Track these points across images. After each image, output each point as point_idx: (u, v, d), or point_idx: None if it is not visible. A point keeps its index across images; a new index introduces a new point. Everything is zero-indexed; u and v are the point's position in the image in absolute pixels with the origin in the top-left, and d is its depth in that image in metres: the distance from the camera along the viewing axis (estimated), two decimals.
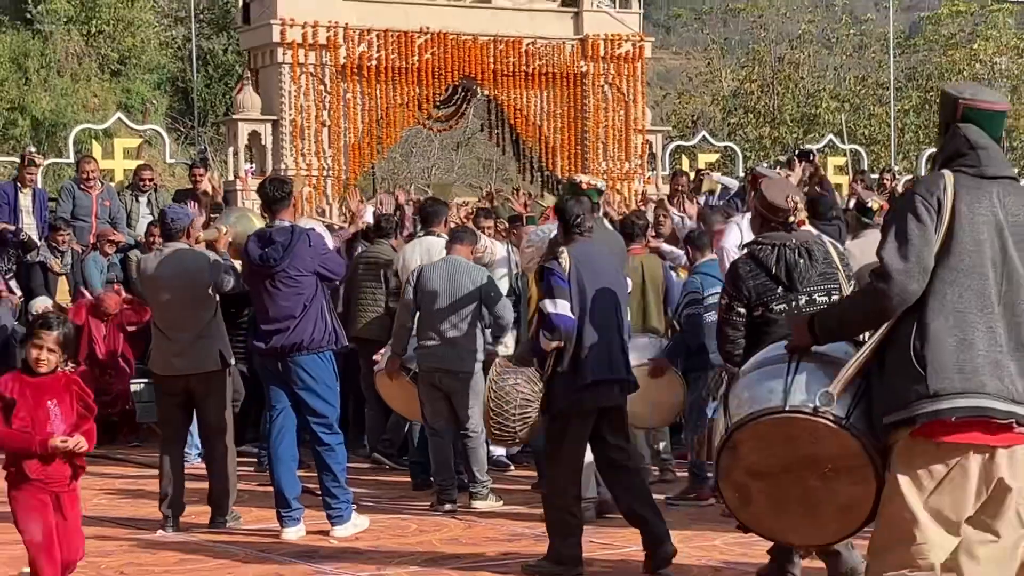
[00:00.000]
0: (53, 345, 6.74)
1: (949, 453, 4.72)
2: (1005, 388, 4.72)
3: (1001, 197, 4.87)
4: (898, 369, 4.75)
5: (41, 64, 30.60)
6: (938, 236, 4.79)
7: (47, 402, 6.71)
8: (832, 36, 36.59)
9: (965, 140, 4.94)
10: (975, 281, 4.78)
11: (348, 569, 8.43)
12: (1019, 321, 4.82)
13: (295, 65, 18.85)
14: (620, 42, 20.58)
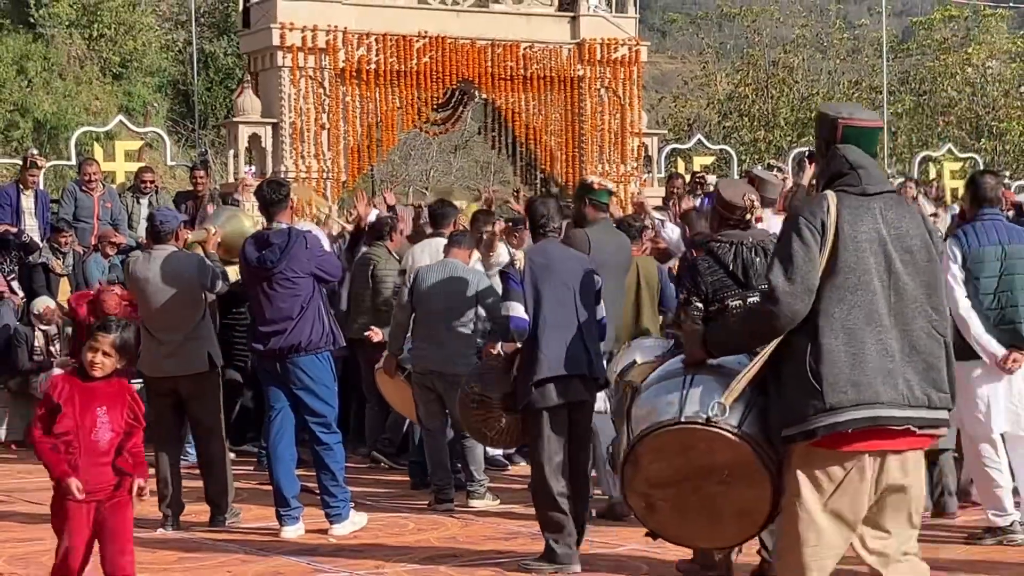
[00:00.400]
0: (109, 348, 6.41)
1: (847, 458, 4.91)
2: (900, 395, 4.92)
3: (883, 212, 5.03)
4: (795, 384, 4.89)
5: (43, 67, 30.60)
6: (823, 257, 4.94)
7: (96, 408, 6.40)
8: (826, 41, 36.63)
9: (845, 160, 5.10)
10: (862, 297, 4.94)
11: (346, 567, 8.43)
12: (911, 330, 4.99)
13: (295, 68, 18.86)
14: (616, 46, 20.59)
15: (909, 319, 5.01)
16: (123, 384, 6.55)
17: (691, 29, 41.15)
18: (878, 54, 32.65)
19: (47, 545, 9.05)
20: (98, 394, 6.41)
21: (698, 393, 5.18)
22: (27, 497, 11.29)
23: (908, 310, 5.01)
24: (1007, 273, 8.74)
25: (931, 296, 5.07)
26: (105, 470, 6.39)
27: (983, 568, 8.17)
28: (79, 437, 6.34)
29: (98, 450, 6.39)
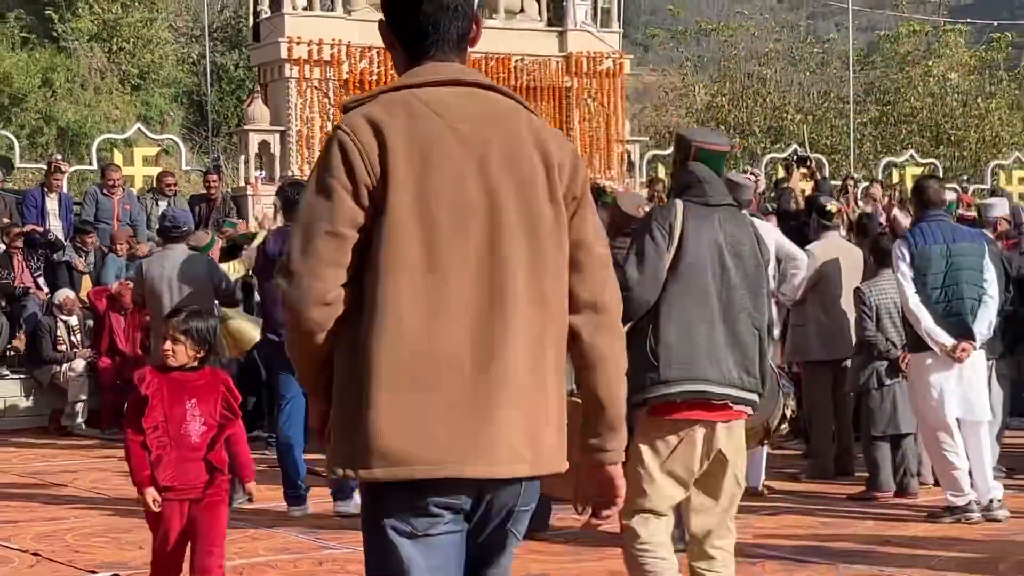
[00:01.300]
0: (178, 334, 5.78)
1: (679, 427, 5.34)
2: (723, 375, 5.33)
3: (722, 222, 5.47)
4: (638, 361, 5.20)
5: (67, 78, 30.57)
6: (670, 254, 5.37)
7: (186, 400, 5.78)
8: (797, 54, 36.66)
9: (694, 175, 5.53)
10: (698, 290, 5.37)
11: (351, 543, 8.44)
12: (734, 323, 5.40)
13: (301, 80, 18.86)
14: (601, 59, 20.61)
15: (734, 314, 5.42)
16: (216, 375, 5.93)
17: (671, 43, 41.13)
18: (845, 66, 32.67)
19: (70, 524, 9.09)
20: (188, 386, 5.81)
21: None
22: (52, 479, 11.30)
23: (734, 306, 5.42)
24: (952, 269, 8.82)
25: (754, 297, 5.49)
26: (196, 466, 5.81)
27: (942, 544, 8.20)
28: (168, 430, 5.76)
29: (189, 444, 5.80)
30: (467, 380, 3.22)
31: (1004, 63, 35.63)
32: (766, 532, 8.70)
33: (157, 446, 5.74)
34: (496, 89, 3.41)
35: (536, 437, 3.37)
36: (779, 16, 43.86)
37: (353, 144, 3.22)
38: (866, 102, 34.11)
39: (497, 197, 3.27)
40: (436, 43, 3.36)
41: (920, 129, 32.95)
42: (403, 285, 3.19)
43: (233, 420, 5.89)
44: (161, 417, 5.75)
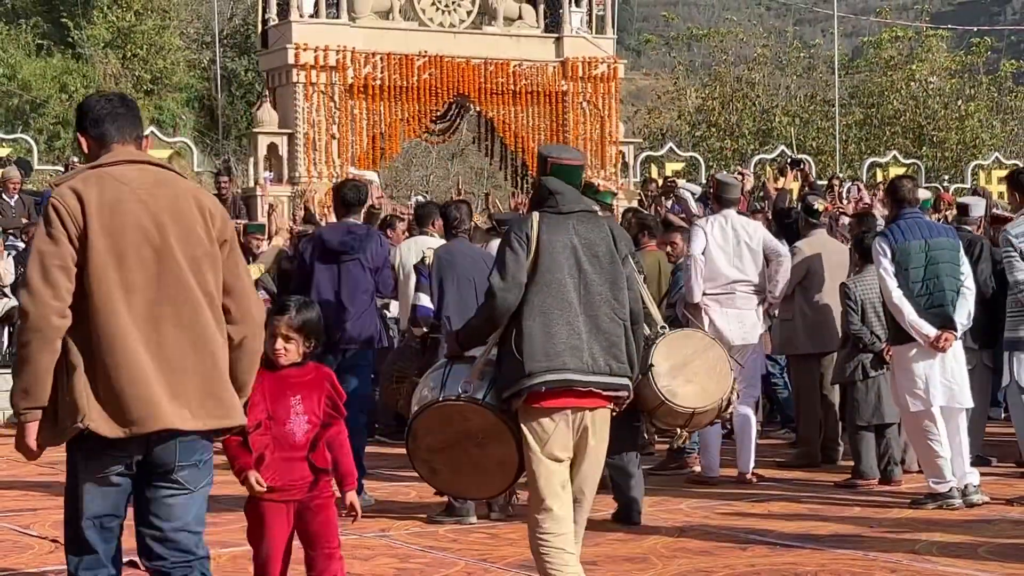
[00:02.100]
0: (289, 331, 5.35)
1: (551, 412, 5.70)
2: (586, 365, 5.70)
3: (575, 227, 5.86)
4: (508, 358, 5.73)
5: (82, 84, 30.57)
6: (529, 260, 5.76)
7: (290, 397, 5.35)
8: (784, 59, 36.64)
9: (547, 188, 5.93)
10: (556, 290, 5.75)
11: (355, 530, 8.43)
12: (596, 315, 5.78)
13: (308, 85, 18.86)
14: (596, 64, 20.62)
15: (595, 307, 5.80)
16: (320, 371, 5.50)
17: (664, 48, 41.14)
18: (831, 71, 32.66)
19: None
20: (291, 382, 5.38)
21: (456, 377, 5.90)
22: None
23: (595, 301, 5.80)
24: (931, 263, 8.86)
25: (614, 290, 5.87)
26: (300, 465, 5.39)
27: (924, 528, 8.20)
28: (271, 429, 5.32)
29: (293, 443, 5.36)
30: (147, 367, 4.51)
31: (983, 67, 35.63)
32: (755, 518, 8.70)
33: (259, 445, 5.27)
34: (161, 165, 4.72)
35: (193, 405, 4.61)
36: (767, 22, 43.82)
37: (63, 207, 4.45)
38: (851, 105, 34.11)
39: (167, 237, 4.53)
40: (118, 136, 4.68)
41: (903, 131, 32.95)
42: (105, 299, 4.45)
43: (337, 419, 5.45)
44: (264, 415, 5.32)
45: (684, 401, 8.52)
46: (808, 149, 30.76)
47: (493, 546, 7.87)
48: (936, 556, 7.40)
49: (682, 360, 8.43)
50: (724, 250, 10.03)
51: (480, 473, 5.95)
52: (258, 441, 5.27)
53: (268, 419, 5.31)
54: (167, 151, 22.39)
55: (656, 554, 7.52)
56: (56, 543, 8.05)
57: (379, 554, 7.74)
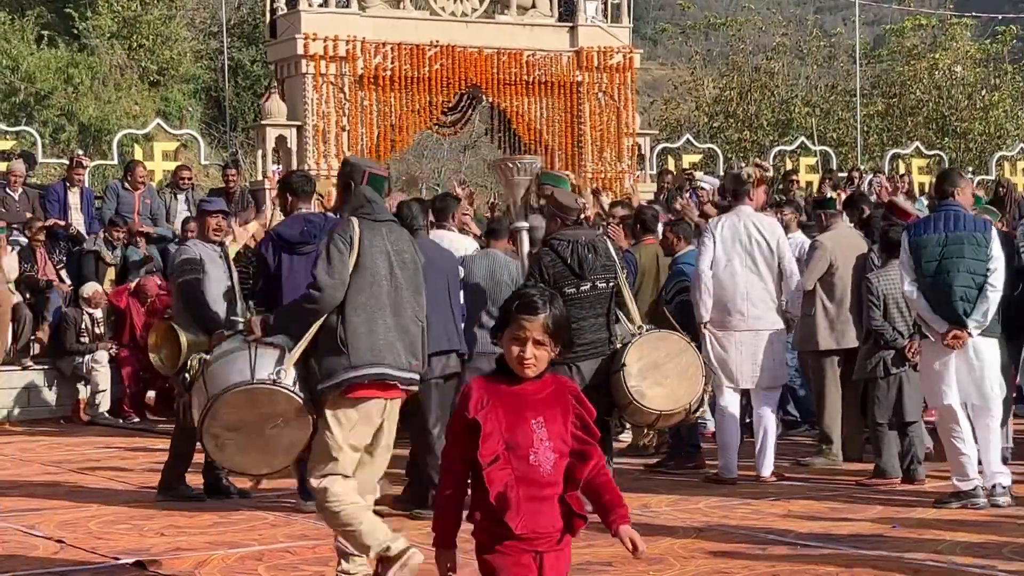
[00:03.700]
0: (541, 334, 4.23)
1: (360, 402, 6.39)
2: (397, 361, 6.44)
3: (388, 234, 6.59)
4: (329, 350, 6.34)
5: (88, 75, 30.59)
6: (352, 261, 6.39)
7: (531, 420, 4.24)
8: (804, 48, 36.55)
9: (365, 197, 6.65)
10: (375, 290, 6.42)
11: None
12: (403, 316, 6.50)
13: (317, 75, 18.87)
14: (612, 54, 20.59)
15: (403, 308, 6.53)
16: (561, 383, 4.37)
17: (680, 38, 41.03)
18: (852, 60, 32.59)
19: (93, 512, 9.12)
20: (530, 400, 4.27)
21: (263, 362, 6.41)
22: (73, 467, 11.33)
23: (403, 302, 6.53)
24: (946, 257, 8.82)
25: (415, 296, 6.62)
26: (550, 508, 4.27)
27: (948, 528, 8.19)
28: (512, 462, 4.23)
29: (540, 479, 4.24)
30: None
31: (1009, 56, 35.51)
32: (774, 517, 8.70)
33: (499, 482, 4.20)
34: None
35: None
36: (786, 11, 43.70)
37: None
38: (872, 95, 34.02)
39: None
40: None
41: (925, 121, 32.86)
42: None
43: (591, 446, 4.33)
44: (501, 444, 4.22)
45: (651, 403, 8.80)
46: (828, 140, 30.70)
47: None
48: (959, 556, 7.39)
49: (654, 362, 8.76)
50: (735, 251, 10.02)
51: (266, 453, 6.53)
52: (498, 478, 4.21)
53: (506, 449, 4.23)
54: (174, 143, 22.43)
55: (673, 554, 7.52)
56: (61, 543, 8.08)
57: None
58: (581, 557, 7.52)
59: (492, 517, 4.22)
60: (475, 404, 4.23)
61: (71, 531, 8.44)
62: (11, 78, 29.81)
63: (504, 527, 4.20)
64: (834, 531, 8.16)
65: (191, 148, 24.55)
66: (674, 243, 11.13)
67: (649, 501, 9.29)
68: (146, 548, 7.87)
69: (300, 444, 6.46)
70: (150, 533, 8.38)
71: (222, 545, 7.93)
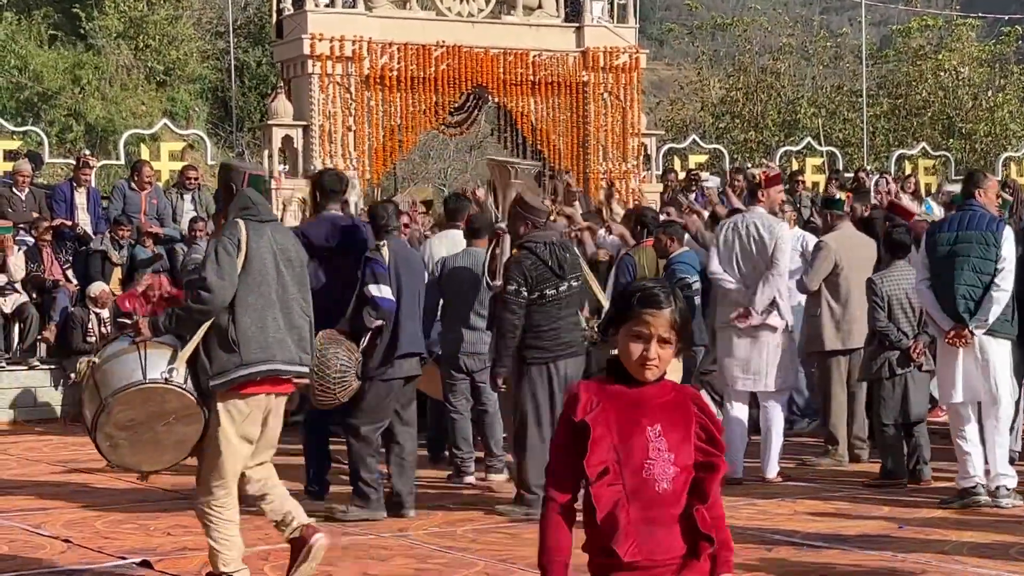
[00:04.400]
0: (668, 332, 3.68)
1: (250, 398, 6.63)
2: (288, 356, 6.68)
3: (272, 234, 6.81)
4: (221, 348, 6.56)
5: (94, 75, 30.63)
6: (240, 262, 6.60)
7: (647, 429, 3.66)
8: (810, 48, 36.53)
9: (249, 199, 6.83)
10: (263, 289, 6.67)
11: (372, 529, 8.47)
12: (291, 313, 6.75)
13: (323, 76, 18.87)
14: (618, 54, 20.58)
15: (290, 305, 6.77)
16: (683, 389, 3.83)
17: (687, 38, 41.03)
18: (858, 60, 32.56)
19: (100, 511, 9.12)
20: (648, 406, 3.70)
21: (155, 362, 6.61)
22: (80, 467, 11.34)
23: (290, 300, 6.77)
24: (952, 256, 8.84)
25: (302, 291, 6.88)
26: (669, 532, 3.66)
27: (955, 528, 8.19)
28: (623, 476, 3.64)
29: (656, 497, 3.65)
30: None
31: (1014, 56, 35.48)
32: (780, 518, 8.69)
33: (607, 500, 3.63)
34: None
35: None
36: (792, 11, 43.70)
37: None
38: (879, 95, 33.98)
39: None
40: None
41: (932, 122, 32.83)
42: None
43: (718, 457, 3.74)
44: (612, 455, 3.65)
45: None
46: (835, 141, 30.67)
47: (512, 546, 7.88)
48: (966, 556, 7.38)
49: None
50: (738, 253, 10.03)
51: (157, 450, 6.73)
52: (605, 495, 3.63)
53: (617, 462, 3.64)
54: (180, 144, 22.45)
55: None
56: (68, 543, 8.09)
57: (397, 554, 7.76)
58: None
59: (600, 543, 3.63)
60: (584, 406, 3.66)
61: (78, 530, 8.44)
62: (18, 78, 29.85)
63: (614, 555, 3.60)
64: (841, 532, 8.16)
65: (197, 148, 24.57)
66: (667, 244, 11.14)
67: None
68: (152, 547, 7.88)
69: (191, 441, 6.69)
70: (156, 532, 8.39)
71: None
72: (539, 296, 8.72)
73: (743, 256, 10.04)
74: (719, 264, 10.07)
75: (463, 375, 10.29)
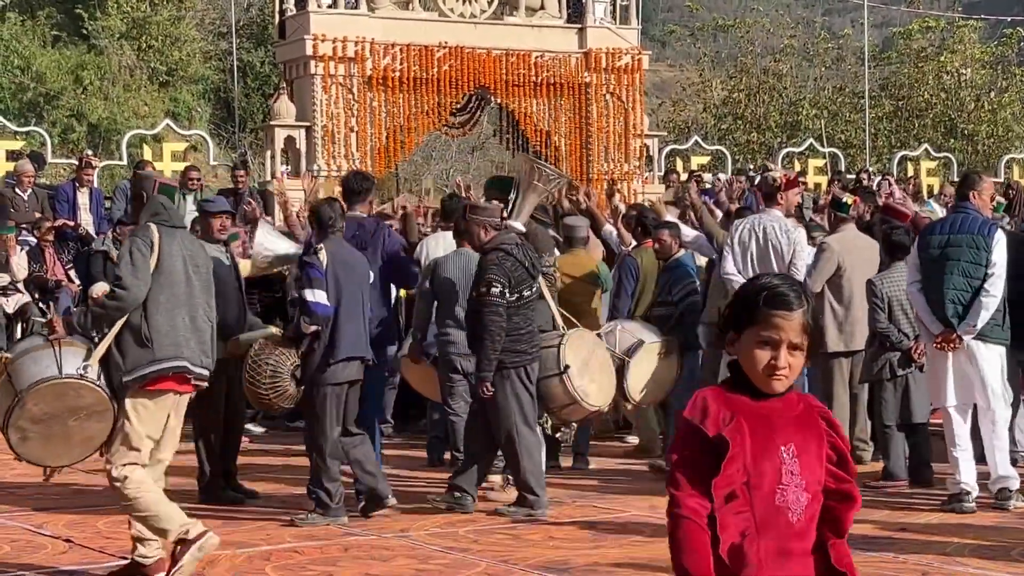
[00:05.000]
0: (800, 337, 3.27)
1: (157, 395, 6.96)
2: (194, 355, 7.04)
3: (183, 239, 7.24)
4: (134, 345, 6.90)
5: (97, 76, 30.63)
6: (153, 264, 6.97)
7: (779, 448, 3.27)
8: (812, 50, 36.53)
9: (160, 204, 7.24)
10: (174, 289, 7.04)
11: (375, 530, 8.46)
12: (196, 316, 7.11)
13: (326, 76, 18.87)
14: (620, 55, 20.57)
15: (196, 309, 7.14)
16: (810, 402, 3.40)
17: (689, 40, 41.02)
18: (860, 62, 32.56)
19: (100, 511, 9.11)
20: (779, 422, 3.29)
21: (69, 358, 6.90)
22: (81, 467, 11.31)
23: (196, 304, 7.14)
24: (943, 259, 8.80)
25: (207, 297, 7.26)
26: (801, 565, 3.30)
27: (956, 531, 8.18)
28: (752, 500, 3.25)
29: (790, 528, 3.27)
30: None
31: (1017, 58, 35.47)
32: None
33: (735, 529, 3.26)
34: None
35: None
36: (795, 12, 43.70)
37: None
38: (881, 97, 33.99)
39: None
40: None
41: (934, 124, 32.83)
42: None
43: (850, 483, 3.38)
44: (742, 477, 3.24)
45: (595, 401, 9.05)
46: (837, 142, 30.67)
47: (514, 547, 7.88)
48: (967, 558, 7.38)
49: (584, 360, 8.98)
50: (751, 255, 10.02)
51: (66, 445, 6.99)
52: (732, 523, 3.25)
53: (747, 485, 3.24)
54: (183, 144, 22.44)
55: None
56: (69, 543, 8.09)
57: (399, 555, 7.75)
58: (588, 558, 7.52)
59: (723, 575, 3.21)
60: (716, 419, 3.24)
61: (79, 530, 8.44)
62: (21, 78, 29.86)
63: None
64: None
65: (200, 149, 24.56)
66: (671, 245, 11.06)
67: (657, 503, 9.28)
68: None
69: (100, 436, 6.96)
70: None
71: (230, 545, 7.93)
72: (518, 297, 8.80)
73: (759, 258, 10.03)
74: (733, 265, 10.05)
75: (460, 376, 10.25)
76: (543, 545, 7.96)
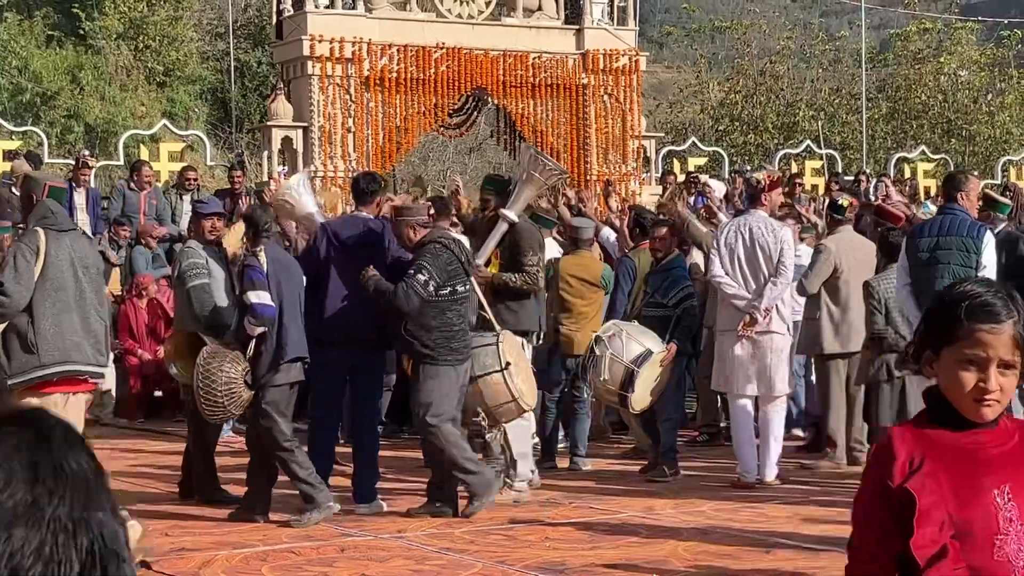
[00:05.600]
0: (1012, 354, 2.73)
1: (46, 398, 7.02)
2: (85, 357, 7.24)
3: (71, 243, 7.36)
4: (20, 351, 7.07)
5: (94, 76, 30.62)
6: (39, 268, 7.12)
7: (992, 491, 2.69)
8: (809, 51, 36.57)
9: (48, 208, 7.37)
10: (61, 295, 7.20)
11: (371, 530, 8.46)
12: (88, 318, 7.33)
13: (323, 77, 18.87)
14: (617, 57, 20.58)
15: (87, 310, 7.34)
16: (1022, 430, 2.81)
17: (686, 41, 41.05)
18: (857, 64, 32.56)
19: None
20: (989, 458, 2.74)
21: None
22: None
23: (87, 305, 7.33)
24: (932, 262, 8.79)
25: (98, 297, 7.48)
26: None
27: None
28: (967, 559, 2.65)
29: None
30: None
31: (1014, 60, 35.49)
32: (779, 521, 8.69)
33: None
34: None
35: None
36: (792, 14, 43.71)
37: None
38: (878, 98, 34.00)
39: None
40: None
41: (931, 125, 32.84)
42: None
43: None
44: (948, 530, 2.65)
45: (529, 400, 9.13)
46: (834, 144, 30.67)
47: (511, 548, 7.88)
48: None
49: (515, 361, 9.02)
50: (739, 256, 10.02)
51: None
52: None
53: (956, 538, 2.66)
54: (180, 144, 22.43)
55: (678, 557, 7.51)
56: None
57: (395, 556, 7.76)
58: (585, 559, 7.52)
59: None
60: (902, 465, 2.68)
61: None
62: (18, 78, 29.85)
63: None
64: (839, 534, 8.13)
65: (197, 149, 24.56)
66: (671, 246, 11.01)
67: (653, 504, 9.28)
68: (150, 548, 7.87)
69: None
70: (155, 533, 8.37)
71: (226, 545, 7.93)
72: (451, 292, 8.73)
73: (746, 259, 10.03)
74: (720, 267, 10.06)
75: None
76: (539, 546, 7.96)
